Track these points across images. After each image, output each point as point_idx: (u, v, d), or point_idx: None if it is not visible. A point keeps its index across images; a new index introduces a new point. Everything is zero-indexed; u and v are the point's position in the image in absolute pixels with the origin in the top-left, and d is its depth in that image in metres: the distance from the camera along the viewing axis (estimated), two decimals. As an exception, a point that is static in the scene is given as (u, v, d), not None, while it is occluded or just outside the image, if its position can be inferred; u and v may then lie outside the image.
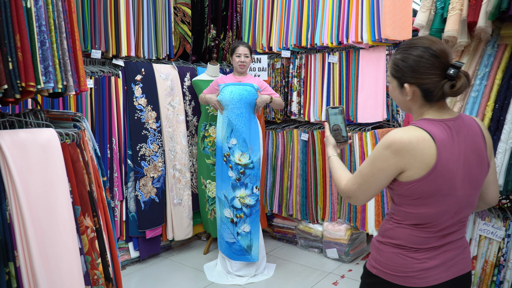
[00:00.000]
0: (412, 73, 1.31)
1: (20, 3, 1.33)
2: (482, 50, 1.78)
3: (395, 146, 1.27)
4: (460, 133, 1.32)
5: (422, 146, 1.26)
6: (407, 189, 1.31)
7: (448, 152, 1.28)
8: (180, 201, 3.78)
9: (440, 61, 1.27)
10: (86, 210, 1.60)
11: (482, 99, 1.76)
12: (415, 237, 1.36)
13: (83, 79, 1.66)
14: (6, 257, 1.34)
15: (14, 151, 1.32)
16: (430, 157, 1.26)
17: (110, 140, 3.36)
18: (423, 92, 1.32)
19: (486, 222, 1.87)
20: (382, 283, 1.42)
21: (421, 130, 1.28)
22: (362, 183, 1.38)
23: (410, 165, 1.27)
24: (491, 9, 1.55)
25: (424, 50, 1.29)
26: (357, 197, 1.42)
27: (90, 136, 1.80)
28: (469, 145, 1.33)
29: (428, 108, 1.35)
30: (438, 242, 1.36)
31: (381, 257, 1.42)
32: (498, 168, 1.72)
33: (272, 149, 4.23)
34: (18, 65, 1.34)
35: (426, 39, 1.31)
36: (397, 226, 1.40)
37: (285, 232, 4.23)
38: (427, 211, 1.32)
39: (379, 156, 1.32)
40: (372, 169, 1.34)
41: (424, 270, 1.35)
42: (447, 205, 1.31)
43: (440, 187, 1.28)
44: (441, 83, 1.28)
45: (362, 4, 3.51)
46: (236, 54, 3.36)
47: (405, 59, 1.32)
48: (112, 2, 3.32)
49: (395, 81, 1.39)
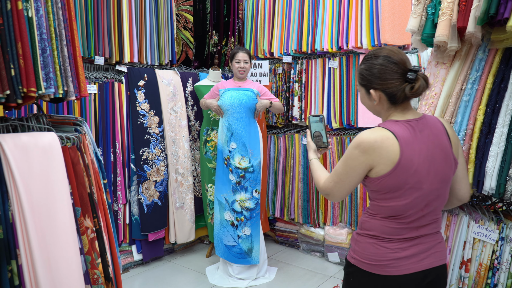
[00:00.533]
0: (376, 80, 1.46)
1: (22, 13, 1.39)
2: (473, 55, 1.81)
3: (363, 146, 1.43)
4: (424, 131, 1.46)
5: (387, 144, 1.40)
6: (377, 184, 1.45)
7: (410, 148, 1.41)
8: (182, 205, 3.82)
9: (400, 67, 1.43)
10: (86, 211, 1.65)
11: (474, 103, 1.79)
12: (388, 228, 1.48)
13: (83, 85, 1.72)
14: (8, 255, 1.38)
15: (16, 154, 1.38)
16: (394, 153, 1.40)
17: (114, 144, 3.42)
18: (388, 96, 1.47)
19: (480, 225, 1.89)
20: (359, 272, 1.53)
21: (386, 130, 1.43)
22: (337, 181, 1.52)
23: (377, 162, 1.42)
24: (480, 14, 1.58)
25: (384, 59, 1.44)
26: (334, 194, 1.56)
27: (91, 139, 1.85)
28: (433, 142, 1.46)
29: (393, 110, 1.50)
30: (411, 234, 1.47)
31: (359, 247, 1.55)
32: (490, 171, 1.74)
33: (274, 153, 4.27)
34: (20, 72, 1.39)
35: (386, 50, 1.47)
36: (372, 218, 1.53)
37: (287, 236, 4.26)
38: (397, 203, 1.44)
39: (350, 155, 1.47)
40: (345, 167, 1.49)
41: (396, 259, 1.46)
42: (415, 197, 1.43)
43: (406, 181, 1.41)
44: (402, 86, 1.43)
45: (362, 10, 3.55)
46: (235, 60, 3.41)
47: (369, 68, 1.48)
48: (115, 9, 3.39)
49: (363, 88, 1.54)
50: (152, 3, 3.69)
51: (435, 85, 1.93)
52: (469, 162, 1.77)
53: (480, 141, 1.76)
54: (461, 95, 1.83)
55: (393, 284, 1.47)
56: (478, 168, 1.76)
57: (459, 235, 1.88)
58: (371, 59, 1.48)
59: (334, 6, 3.74)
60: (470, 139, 1.78)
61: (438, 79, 1.92)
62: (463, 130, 1.80)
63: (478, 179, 1.77)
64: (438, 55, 1.88)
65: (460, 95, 1.83)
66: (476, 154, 1.77)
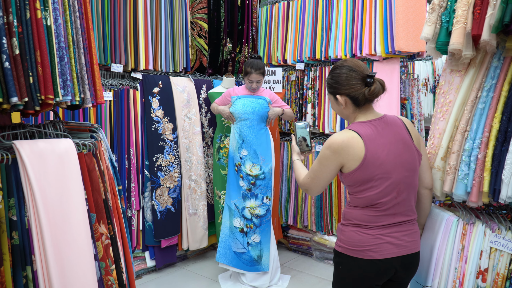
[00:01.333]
0: (341, 86, 1.72)
1: (41, 21, 1.42)
2: (488, 63, 1.79)
3: (333, 147, 1.67)
4: (386, 129, 1.71)
5: (352, 143, 1.64)
6: (350, 178, 1.69)
7: (374, 144, 1.65)
8: (196, 211, 3.84)
9: (359, 74, 1.70)
10: (101, 218, 1.67)
11: (489, 110, 1.76)
12: (367, 216, 1.70)
13: (99, 92, 1.74)
14: (24, 261, 1.41)
15: (33, 160, 1.40)
16: (360, 150, 1.64)
17: (128, 150, 3.46)
18: (352, 99, 1.72)
19: (497, 234, 1.86)
20: (346, 259, 1.74)
21: (351, 131, 1.68)
22: (314, 177, 1.77)
23: (347, 159, 1.66)
24: (494, 22, 1.56)
25: (347, 68, 1.71)
26: (311, 188, 1.80)
27: (106, 146, 1.88)
28: (395, 136, 1.71)
29: (358, 112, 1.76)
30: (388, 221, 1.70)
31: (344, 236, 1.76)
32: (507, 179, 1.71)
33: (287, 160, 4.26)
34: (38, 79, 1.42)
35: (348, 61, 1.74)
36: (353, 209, 1.76)
37: (300, 243, 4.24)
38: (370, 194, 1.68)
39: (323, 155, 1.71)
40: (319, 165, 1.73)
41: (378, 244, 1.68)
42: (385, 186, 1.66)
43: (374, 172, 1.65)
44: (363, 90, 1.69)
45: (375, 17, 3.55)
46: (248, 79, 3.35)
47: (335, 78, 1.74)
48: (131, 17, 3.44)
49: (331, 96, 1.80)
50: (168, 11, 3.74)
51: (450, 92, 1.92)
52: (485, 170, 1.75)
53: (496, 149, 1.73)
54: (476, 102, 1.81)
55: (377, 267, 1.69)
56: (494, 177, 1.74)
57: (475, 244, 1.85)
58: (335, 70, 1.75)
59: (347, 13, 3.74)
60: (486, 147, 1.76)
61: (452, 86, 1.91)
62: (478, 138, 1.77)
63: (495, 187, 1.74)
64: (453, 62, 1.87)
65: (475, 103, 1.81)
66: (492, 162, 1.74)
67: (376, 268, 1.70)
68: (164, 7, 3.70)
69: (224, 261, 3.41)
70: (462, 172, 1.81)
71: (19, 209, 1.41)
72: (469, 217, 1.90)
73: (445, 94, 1.95)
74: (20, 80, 1.36)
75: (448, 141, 1.90)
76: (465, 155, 1.80)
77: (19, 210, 1.41)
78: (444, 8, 1.83)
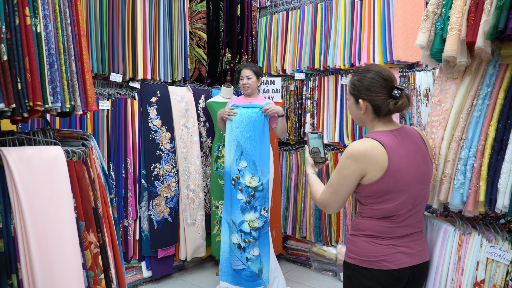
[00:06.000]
0: (365, 91, 1.63)
1: (30, 28, 1.42)
2: (484, 70, 1.77)
3: (354, 155, 1.57)
4: (405, 140, 1.65)
5: (376, 153, 1.56)
6: (369, 190, 1.60)
7: (396, 155, 1.59)
8: (194, 221, 3.81)
9: (388, 83, 1.60)
10: (90, 226, 1.64)
11: (485, 118, 1.74)
12: (382, 227, 1.64)
13: (91, 100, 1.73)
14: (9, 269, 1.39)
15: (20, 167, 1.38)
16: (383, 161, 1.56)
17: (125, 160, 3.44)
18: (374, 107, 1.64)
19: (494, 245, 1.82)
20: (360, 270, 1.67)
21: (373, 140, 1.59)
22: (333, 191, 1.65)
23: (369, 169, 1.57)
24: (489, 28, 1.55)
25: (376, 73, 1.61)
26: (330, 205, 1.68)
27: (98, 154, 1.86)
28: (413, 148, 1.65)
29: (377, 121, 1.68)
30: (401, 232, 1.65)
31: (355, 247, 1.69)
32: (503, 189, 1.68)
33: (286, 170, 4.24)
34: (26, 86, 1.41)
35: (378, 66, 1.64)
36: (366, 220, 1.68)
37: (299, 254, 4.19)
38: (388, 206, 1.61)
39: (343, 165, 1.61)
40: (339, 177, 1.63)
41: (392, 254, 1.63)
42: (404, 199, 1.61)
43: (395, 184, 1.58)
44: (387, 101, 1.60)
45: (374, 27, 3.55)
46: (240, 77, 3.39)
47: (361, 80, 1.65)
48: (129, 26, 3.46)
49: (352, 98, 1.71)
50: (166, 21, 3.75)
51: (445, 100, 1.90)
52: (481, 179, 1.72)
53: (492, 158, 1.70)
54: (472, 110, 1.79)
55: (391, 277, 1.64)
56: (490, 186, 1.71)
57: (472, 255, 1.82)
58: (364, 72, 1.65)
59: (346, 23, 3.74)
60: (481, 155, 1.73)
61: (448, 94, 1.89)
62: (474, 147, 1.75)
63: (491, 197, 1.71)
64: (448, 70, 1.85)
65: (471, 111, 1.79)
66: (488, 171, 1.71)
67: (392, 278, 1.65)
68: (163, 17, 3.71)
69: (226, 280, 3.31)
70: (458, 181, 1.78)
71: (5, 216, 1.39)
72: (466, 227, 1.87)
73: (441, 102, 1.93)
74: (7, 86, 1.35)
75: (447, 149, 1.87)
76: (460, 164, 1.78)
77: (5, 217, 1.39)
78: (438, 15, 1.82)
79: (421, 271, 1.73)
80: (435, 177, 1.88)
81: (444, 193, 1.82)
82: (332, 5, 3.85)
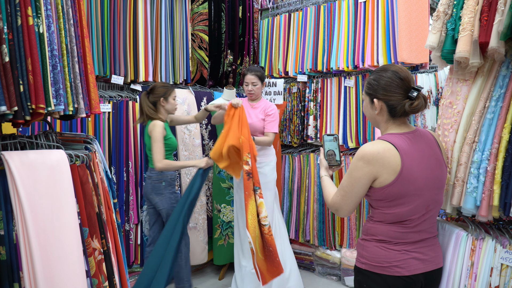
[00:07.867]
0: (382, 90, 1.59)
1: (32, 29, 1.37)
2: (497, 71, 1.73)
3: (366, 157, 1.53)
4: (419, 143, 1.61)
5: (388, 155, 1.52)
6: (381, 193, 1.56)
7: (410, 158, 1.54)
8: (196, 225, 3.76)
9: (404, 83, 1.56)
10: (94, 232, 1.60)
11: (499, 121, 1.70)
12: (394, 232, 1.60)
13: (94, 102, 1.69)
14: (11, 278, 1.34)
15: (22, 172, 1.34)
16: (396, 163, 1.52)
17: (127, 163, 3.39)
18: (389, 107, 1.60)
19: (508, 250, 1.78)
20: (371, 276, 1.63)
21: (386, 142, 1.55)
22: (344, 194, 1.62)
23: (381, 172, 1.53)
24: (503, 29, 1.51)
25: (393, 73, 1.58)
26: (342, 208, 1.64)
27: (101, 158, 1.82)
28: (428, 152, 1.61)
29: (392, 123, 1.64)
30: (414, 237, 1.61)
31: (367, 252, 1.65)
32: (517, 193, 1.65)
33: (288, 173, 4.19)
34: (29, 88, 1.37)
35: (395, 66, 1.61)
36: (377, 224, 1.64)
37: (302, 258, 4.14)
38: (401, 210, 1.57)
39: (355, 168, 1.57)
40: (350, 180, 1.59)
41: (405, 260, 1.59)
42: (417, 203, 1.57)
43: (408, 188, 1.54)
44: (403, 102, 1.56)
45: (378, 28, 3.51)
46: (244, 83, 3.32)
47: (377, 79, 1.61)
48: (131, 29, 3.41)
49: (367, 97, 1.67)
50: (168, 23, 3.71)
51: (457, 102, 1.85)
52: (495, 183, 1.67)
53: (506, 161, 1.66)
54: (485, 112, 1.74)
55: (403, 283, 1.59)
56: (504, 190, 1.66)
57: (485, 261, 1.77)
58: (381, 72, 1.61)
59: (350, 25, 3.70)
60: (495, 158, 1.69)
61: (460, 96, 1.85)
62: (487, 149, 1.70)
63: (505, 201, 1.67)
64: (459, 71, 1.81)
65: (484, 113, 1.75)
66: (502, 174, 1.67)
67: (404, 284, 1.61)
68: (164, 19, 3.67)
69: None
70: (470, 185, 1.74)
71: (6, 223, 1.34)
72: (479, 232, 1.83)
73: (452, 104, 1.88)
74: (9, 89, 1.30)
75: (459, 152, 1.83)
76: (473, 167, 1.73)
77: (7, 224, 1.35)
78: (449, 16, 1.78)
79: (434, 278, 1.68)
80: (448, 181, 1.84)
81: (457, 197, 1.78)
82: (335, 6, 3.82)
